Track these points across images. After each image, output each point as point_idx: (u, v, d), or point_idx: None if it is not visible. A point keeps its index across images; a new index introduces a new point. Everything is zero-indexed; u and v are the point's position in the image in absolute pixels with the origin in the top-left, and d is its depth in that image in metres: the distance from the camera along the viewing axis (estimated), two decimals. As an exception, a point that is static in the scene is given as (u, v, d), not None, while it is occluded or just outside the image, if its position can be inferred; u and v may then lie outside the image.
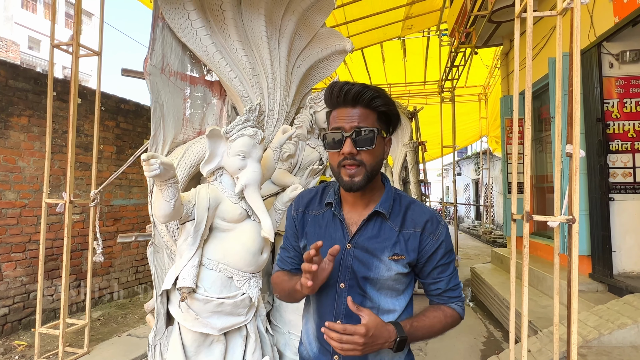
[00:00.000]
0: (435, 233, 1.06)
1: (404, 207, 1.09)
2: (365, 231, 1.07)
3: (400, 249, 1.04)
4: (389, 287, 1.07)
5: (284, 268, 1.24)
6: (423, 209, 1.10)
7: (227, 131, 1.86)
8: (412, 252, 1.05)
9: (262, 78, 2.57)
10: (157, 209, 1.67)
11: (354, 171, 1.00)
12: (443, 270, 1.08)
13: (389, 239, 1.05)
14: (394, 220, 1.07)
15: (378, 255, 1.04)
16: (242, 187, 1.86)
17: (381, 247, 1.04)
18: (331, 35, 3.06)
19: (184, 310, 1.79)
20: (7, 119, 3.47)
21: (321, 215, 1.16)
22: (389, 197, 1.09)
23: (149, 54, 2.10)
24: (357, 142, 0.99)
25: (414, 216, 1.07)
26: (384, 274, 1.04)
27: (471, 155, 14.72)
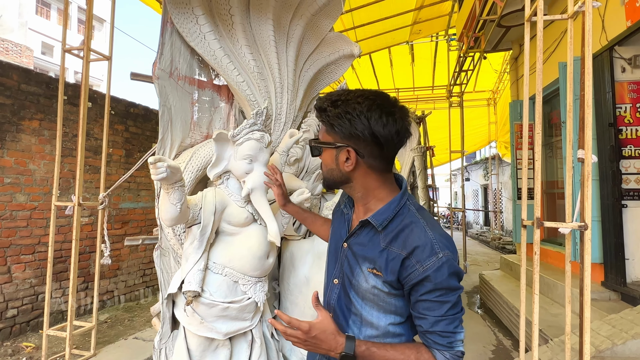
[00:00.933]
0: (422, 263, 0.93)
1: (402, 226, 0.99)
2: (359, 236, 1.06)
3: (379, 266, 0.98)
4: (370, 299, 1.01)
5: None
6: (420, 234, 0.96)
7: (234, 135, 1.86)
8: (391, 274, 0.96)
9: (269, 82, 2.57)
10: (163, 212, 1.67)
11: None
12: (430, 308, 0.93)
13: (373, 251, 1.00)
14: (387, 234, 0.99)
15: (359, 262, 1.02)
16: (248, 191, 1.86)
17: (364, 256, 1.02)
18: (339, 40, 3.06)
19: (189, 314, 1.79)
20: (18, 123, 3.52)
21: (341, 210, 1.22)
22: (388, 210, 1.02)
23: (157, 58, 2.12)
24: (312, 151, 1.10)
25: (406, 237, 0.97)
26: (362, 284, 1.01)
27: (480, 160, 14.60)
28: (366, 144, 1.00)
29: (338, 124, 0.99)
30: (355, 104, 0.98)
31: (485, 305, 5.25)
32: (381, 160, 1.03)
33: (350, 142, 1.01)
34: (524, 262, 2.13)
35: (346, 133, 0.99)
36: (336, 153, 1.04)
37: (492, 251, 10.40)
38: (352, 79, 9.27)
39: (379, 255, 0.98)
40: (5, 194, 3.43)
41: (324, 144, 1.06)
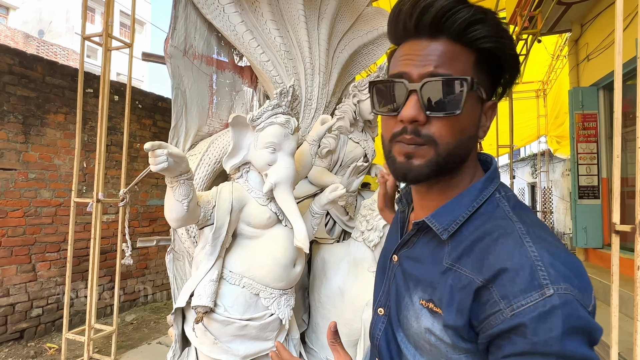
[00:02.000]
0: (511, 300, 0.51)
1: (482, 232, 0.59)
2: (414, 247, 0.68)
3: (439, 297, 0.58)
4: (427, 350, 0.61)
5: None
6: (513, 249, 0.54)
7: (254, 118, 1.55)
8: (457, 314, 0.56)
9: (298, 62, 2.25)
10: (168, 211, 1.38)
11: (413, 148, 0.58)
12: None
13: (431, 272, 0.62)
14: (457, 247, 0.60)
15: (410, 288, 0.64)
16: (271, 185, 1.54)
17: (417, 279, 0.63)
18: (378, 16, 2.69)
19: (199, 334, 1.49)
20: (43, 116, 3.42)
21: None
22: (460, 204, 0.62)
23: (169, 34, 1.85)
24: (430, 102, 0.56)
25: (489, 252, 0.56)
26: (412, 323, 0.62)
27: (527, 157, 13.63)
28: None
29: (505, 52, 0.58)
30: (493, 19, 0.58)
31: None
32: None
33: (496, 92, 0.63)
34: (616, 280, 1.68)
35: (499, 72, 0.61)
36: (486, 106, 0.62)
37: (542, 255, 9.58)
38: (388, 71, 8.82)
39: (439, 279, 0.59)
40: (30, 189, 3.33)
41: (476, 87, 0.58)
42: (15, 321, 3.24)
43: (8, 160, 3.18)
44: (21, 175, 3.27)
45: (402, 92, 0.58)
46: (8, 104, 3.16)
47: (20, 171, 3.27)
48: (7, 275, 3.18)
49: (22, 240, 3.29)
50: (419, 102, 0.56)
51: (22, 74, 3.27)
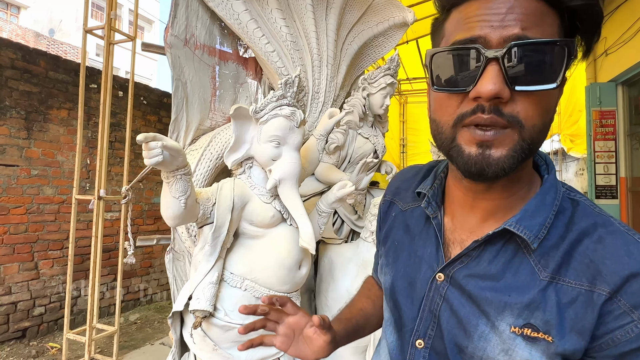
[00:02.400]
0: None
1: (579, 232, 0.51)
2: (475, 261, 0.56)
3: (545, 320, 0.49)
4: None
5: (377, 276, 0.85)
6: (630, 246, 0.49)
7: (258, 110, 1.45)
8: (575, 335, 0.48)
9: (305, 54, 2.14)
10: (164, 208, 1.29)
11: (493, 135, 0.46)
12: None
13: (523, 291, 0.51)
14: (547, 255, 0.51)
15: (490, 315, 0.53)
16: (275, 182, 1.44)
17: (500, 301, 0.52)
18: (388, 6, 2.57)
19: (198, 339, 1.40)
20: (46, 112, 3.36)
21: (410, 211, 0.68)
22: (545, 204, 0.53)
23: (170, 23, 1.75)
24: (519, 73, 0.45)
25: (598, 256, 0.49)
26: (495, 357, 0.52)
27: (538, 156, 13.44)
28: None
29: (595, 12, 0.47)
30: None
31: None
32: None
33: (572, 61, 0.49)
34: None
35: (583, 34, 0.50)
36: (562, 82, 0.49)
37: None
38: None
39: (539, 298, 0.50)
40: (33, 186, 3.28)
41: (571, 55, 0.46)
42: (17, 320, 3.19)
43: (10, 156, 3.13)
44: (23, 171, 3.22)
45: (477, 61, 0.46)
46: (10, 99, 3.11)
47: (23, 167, 3.21)
48: (9, 273, 3.13)
49: (25, 238, 3.24)
50: (502, 73, 0.45)
51: (25, 69, 3.21)
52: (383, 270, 0.71)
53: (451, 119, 0.49)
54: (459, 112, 0.48)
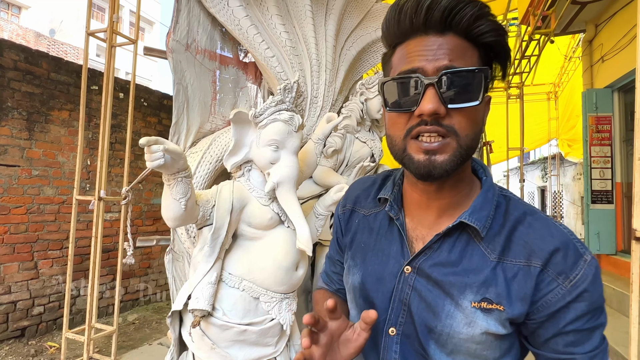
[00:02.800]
0: (569, 274, 0.59)
1: (513, 221, 0.64)
2: (437, 252, 0.66)
3: (497, 293, 0.61)
4: (468, 352, 0.63)
5: (330, 286, 0.91)
6: (550, 228, 0.62)
7: (257, 115, 1.49)
8: (519, 302, 0.60)
9: (304, 59, 2.18)
10: (165, 210, 1.32)
11: (436, 144, 0.58)
12: (577, 342, 0.60)
13: (478, 272, 0.62)
14: (492, 241, 0.63)
15: (454, 295, 0.63)
16: (273, 185, 1.48)
17: (461, 283, 0.63)
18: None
19: (197, 338, 1.43)
20: (48, 113, 3.40)
21: (373, 216, 0.77)
22: (488, 200, 0.65)
23: (172, 28, 1.79)
24: (449, 94, 0.57)
25: (530, 238, 0.62)
26: (460, 330, 0.62)
27: (537, 160, 13.45)
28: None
29: (504, 47, 0.62)
30: (493, 15, 0.60)
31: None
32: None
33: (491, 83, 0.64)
34: (636, 289, 1.59)
35: (496, 64, 0.64)
36: (486, 102, 0.63)
37: (551, 260, 9.42)
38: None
39: (492, 277, 0.61)
40: (33, 186, 3.31)
41: (486, 80, 0.59)
42: (16, 319, 3.22)
43: (11, 156, 3.16)
44: (24, 172, 3.25)
45: (418, 87, 0.58)
46: (12, 100, 3.14)
47: (24, 168, 3.25)
48: (9, 273, 3.16)
49: (25, 238, 3.26)
50: (437, 94, 0.57)
51: (27, 70, 3.25)
52: (351, 271, 0.77)
53: (402, 133, 0.61)
54: (408, 127, 0.60)
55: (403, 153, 0.62)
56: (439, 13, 0.56)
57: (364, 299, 0.72)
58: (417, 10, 0.57)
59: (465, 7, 0.56)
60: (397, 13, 0.60)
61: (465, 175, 0.67)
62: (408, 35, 0.60)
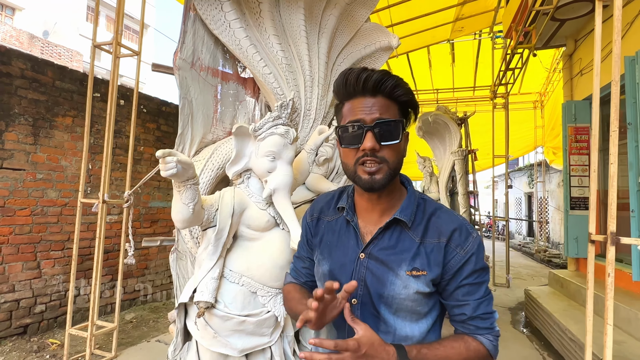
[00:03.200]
0: (463, 245, 0.91)
1: (428, 214, 0.95)
2: (381, 241, 0.95)
3: (421, 263, 0.90)
4: (407, 308, 0.92)
5: (298, 280, 1.15)
6: (451, 217, 0.95)
7: (256, 129, 1.68)
8: (436, 267, 0.90)
9: (299, 75, 2.37)
10: (175, 213, 1.50)
11: (374, 168, 0.88)
12: (470, 292, 0.91)
13: (408, 250, 0.92)
14: (416, 229, 0.93)
15: (394, 269, 0.91)
16: (270, 191, 1.66)
17: (398, 259, 0.91)
18: (375, 31, 2.82)
19: (201, 327, 1.61)
20: (52, 119, 3.54)
21: (334, 221, 1.05)
22: (411, 202, 0.96)
23: (179, 48, 1.97)
24: (380, 135, 0.87)
25: (439, 224, 0.93)
26: (400, 292, 0.90)
27: (524, 167, 13.78)
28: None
29: (413, 104, 0.93)
30: (405, 84, 0.92)
31: (532, 325, 4.79)
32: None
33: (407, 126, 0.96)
34: (591, 284, 1.80)
35: (408, 116, 0.95)
36: (405, 138, 0.94)
37: (537, 264, 9.69)
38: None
39: (417, 253, 0.91)
40: (37, 189, 3.45)
41: (403, 126, 0.91)
42: (19, 316, 3.35)
43: (17, 160, 3.30)
44: (29, 175, 3.39)
45: (361, 131, 0.88)
46: (19, 107, 3.29)
47: (29, 171, 3.39)
48: (14, 272, 3.29)
49: (29, 238, 3.40)
50: (374, 136, 0.87)
51: (33, 78, 3.40)
52: (320, 263, 1.03)
53: (353, 161, 0.91)
54: (356, 157, 0.90)
55: (354, 174, 0.91)
56: (372, 83, 0.86)
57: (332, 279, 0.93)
58: (357, 81, 0.87)
59: (388, 79, 0.87)
60: (344, 82, 0.90)
61: (395, 187, 0.97)
62: (352, 96, 0.90)
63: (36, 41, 18.24)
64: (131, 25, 22.64)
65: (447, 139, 5.18)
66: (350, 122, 0.89)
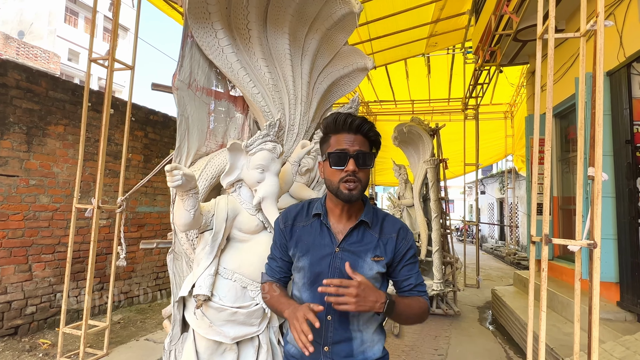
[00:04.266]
0: (405, 238, 1.31)
1: (381, 218, 1.33)
2: (350, 237, 1.27)
3: (380, 251, 1.26)
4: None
5: (273, 277, 1.42)
6: (395, 220, 1.35)
7: (248, 145, 1.93)
8: (390, 253, 1.27)
9: (284, 94, 2.64)
10: (177, 218, 1.74)
11: (353, 185, 1.20)
12: (412, 268, 1.31)
13: (371, 243, 1.27)
14: (374, 228, 1.29)
15: (362, 256, 1.25)
16: (259, 199, 1.92)
17: (365, 249, 1.26)
18: (353, 53, 3.12)
19: (198, 317, 1.84)
20: (45, 127, 3.69)
21: (309, 225, 1.34)
22: (369, 210, 1.31)
23: (177, 70, 2.22)
24: (359, 162, 1.20)
25: (390, 224, 1.32)
26: (367, 273, 1.22)
27: (496, 173, 14.42)
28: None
29: (378, 142, 1.28)
30: (374, 127, 1.28)
31: (497, 322, 5.17)
32: None
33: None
34: (532, 278, 2.13)
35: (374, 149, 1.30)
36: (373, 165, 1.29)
37: (507, 266, 10.21)
38: (367, 89, 9.32)
39: (377, 244, 1.27)
40: (30, 195, 3.59)
41: (374, 156, 1.26)
42: (10, 317, 3.46)
43: (11, 167, 3.44)
44: (23, 181, 3.53)
45: (346, 157, 1.21)
46: (14, 116, 3.43)
47: (22, 178, 3.53)
48: (6, 274, 3.42)
49: (21, 242, 3.53)
50: (354, 162, 1.21)
51: (28, 88, 3.55)
52: (300, 259, 1.31)
53: (337, 179, 1.23)
54: (340, 177, 1.22)
55: (337, 189, 1.23)
56: (355, 125, 1.22)
57: (312, 271, 1.28)
58: (344, 122, 1.22)
59: (365, 124, 1.22)
60: (334, 121, 1.24)
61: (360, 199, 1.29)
62: (339, 131, 1.24)
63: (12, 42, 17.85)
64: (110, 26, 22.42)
65: (421, 149, 5.53)
66: (338, 150, 1.21)
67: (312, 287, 1.26)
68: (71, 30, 23.71)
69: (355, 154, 1.19)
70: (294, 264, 1.35)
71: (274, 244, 1.43)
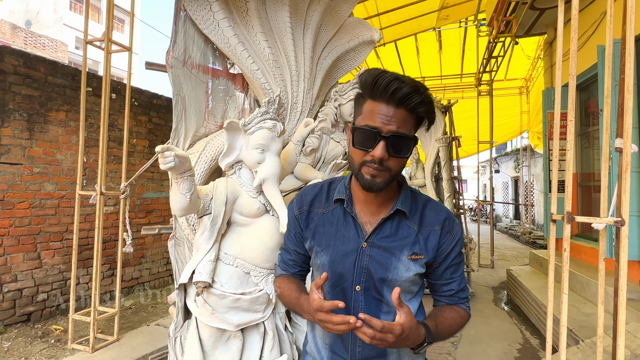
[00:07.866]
0: (451, 232, 1.04)
1: (421, 206, 1.05)
2: (382, 230, 1.01)
3: (420, 248, 1.00)
4: (405, 289, 1.01)
5: (288, 271, 1.19)
6: (440, 207, 1.07)
7: (246, 123, 1.82)
8: (431, 251, 1.01)
9: (285, 70, 2.50)
10: (173, 202, 1.65)
11: (377, 172, 0.92)
12: (455, 270, 1.06)
13: (408, 237, 1.00)
14: (412, 218, 1.02)
15: (397, 254, 0.99)
16: (260, 181, 1.81)
17: (400, 245, 0.99)
18: (358, 26, 2.94)
19: (200, 305, 1.77)
20: (46, 114, 3.63)
21: (330, 212, 1.07)
22: (407, 195, 1.04)
23: (171, 47, 2.09)
24: (392, 148, 0.90)
25: (432, 214, 1.04)
26: (402, 275, 0.98)
27: (510, 151, 14.06)
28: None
29: (430, 118, 0.95)
30: (429, 100, 0.93)
31: (513, 302, 5.06)
32: None
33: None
34: (552, 259, 2.00)
35: (420, 125, 0.99)
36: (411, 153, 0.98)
37: (522, 246, 10.03)
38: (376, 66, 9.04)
39: (416, 239, 1.00)
40: (35, 182, 3.56)
41: (415, 142, 0.95)
42: (22, 305, 3.49)
43: (14, 155, 3.40)
44: (26, 169, 3.49)
45: (375, 138, 0.90)
46: (14, 103, 3.37)
47: (26, 165, 3.49)
48: (15, 262, 3.42)
49: (28, 230, 3.52)
50: (385, 146, 0.89)
51: (26, 74, 3.47)
52: (319, 255, 1.06)
53: (359, 160, 0.94)
54: (363, 159, 0.93)
55: (358, 171, 0.95)
56: (399, 95, 0.87)
57: (333, 270, 1.02)
58: (386, 88, 0.87)
59: (414, 96, 0.88)
60: (373, 83, 0.89)
61: (392, 186, 1.01)
62: (376, 98, 0.90)
63: (19, 31, 17.88)
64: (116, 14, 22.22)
65: (432, 127, 5.35)
66: (367, 126, 0.90)
67: (335, 291, 1.02)
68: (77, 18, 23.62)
69: (388, 137, 0.88)
70: (312, 260, 1.11)
71: (287, 233, 1.17)
